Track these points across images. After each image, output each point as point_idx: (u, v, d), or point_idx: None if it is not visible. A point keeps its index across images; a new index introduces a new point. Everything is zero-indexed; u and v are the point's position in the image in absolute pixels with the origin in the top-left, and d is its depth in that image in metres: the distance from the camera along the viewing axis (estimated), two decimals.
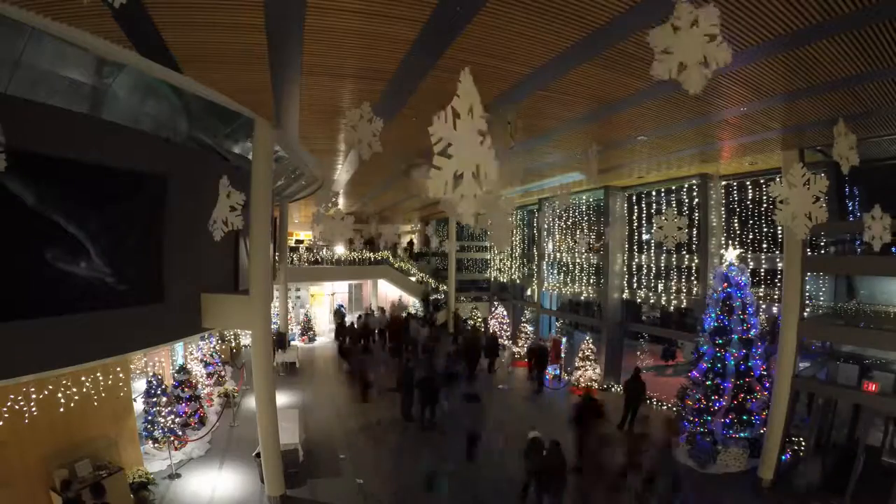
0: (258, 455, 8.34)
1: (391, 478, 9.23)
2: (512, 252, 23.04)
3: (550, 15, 4.41)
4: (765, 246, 11.62)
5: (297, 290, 24.04)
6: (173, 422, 9.54)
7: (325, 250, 22.28)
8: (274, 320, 16.59)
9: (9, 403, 6.41)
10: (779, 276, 10.87)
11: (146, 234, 6.98)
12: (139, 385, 10.41)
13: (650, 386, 14.78)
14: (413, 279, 23.92)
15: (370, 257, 22.71)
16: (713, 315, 10.15)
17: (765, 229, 11.68)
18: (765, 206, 11.63)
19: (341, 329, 19.54)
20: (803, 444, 9.42)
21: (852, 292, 10.55)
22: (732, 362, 9.78)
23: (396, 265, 23.43)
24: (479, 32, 4.79)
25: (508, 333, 20.94)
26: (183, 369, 11.15)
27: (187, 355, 12.99)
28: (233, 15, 4.46)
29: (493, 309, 22.28)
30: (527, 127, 8.45)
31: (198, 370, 12.70)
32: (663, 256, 14.05)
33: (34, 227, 5.44)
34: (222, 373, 14.01)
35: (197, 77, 6.00)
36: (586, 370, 15.00)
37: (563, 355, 16.58)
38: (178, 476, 8.81)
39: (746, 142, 8.90)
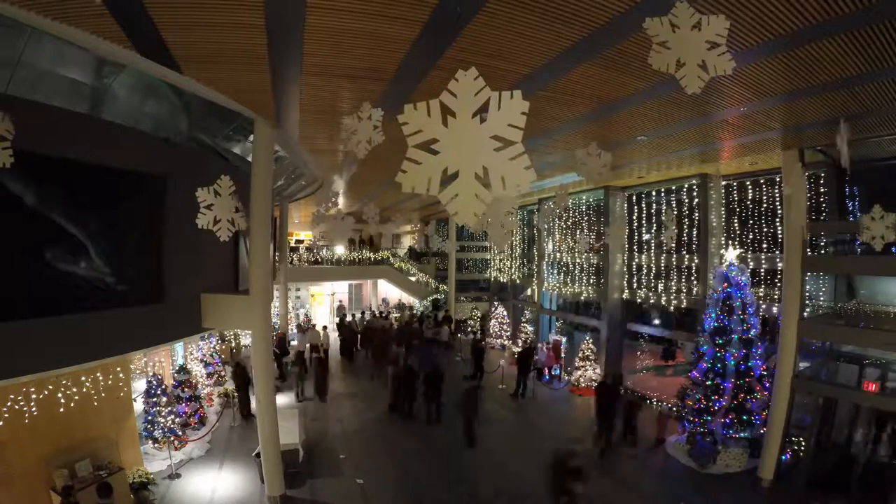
0: (258, 455, 8.35)
1: (393, 478, 9.24)
2: (512, 252, 23.06)
3: (550, 15, 4.40)
4: (765, 246, 11.62)
5: (297, 290, 24.05)
6: (173, 422, 9.54)
7: (325, 250, 22.30)
8: (274, 320, 16.58)
9: (9, 403, 6.41)
10: (779, 276, 10.87)
11: (146, 234, 6.98)
12: (139, 385, 10.41)
13: (650, 386, 14.82)
14: (413, 279, 23.93)
15: (370, 257, 22.72)
16: (713, 315, 10.16)
17: (765, 229, 11.68)
18: (765, 206, 11.64)
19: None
20: (803, 444, 9.42)
21: (852, 292, 10.55)
22: (732, 362, 9.78)
23: (397, 265, 23.46)
24: (478, 32, 4.79)
25: (508, 333, 20.98)
26: (183, 369, 11.15)
27: (187, 355, 12.99)
28: (233, 15, 4.45)
29: (493, 309, 22.31)
30: (527, 127, 8.43)
31: (198, 370, 12.71)
32: (663, 256, 14.05)
33: (34, 227, 5.44)
34: (222, 373, 14.02)
35: (197, 77, 5.99)
36: (586, 370, 15.00)
37: (563, 355, 16.59)
38: (178, 476, 8.81)
39: (746, 142, 8.90)
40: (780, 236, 10.97)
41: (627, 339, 15.92)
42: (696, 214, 12.90)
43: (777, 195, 11.29)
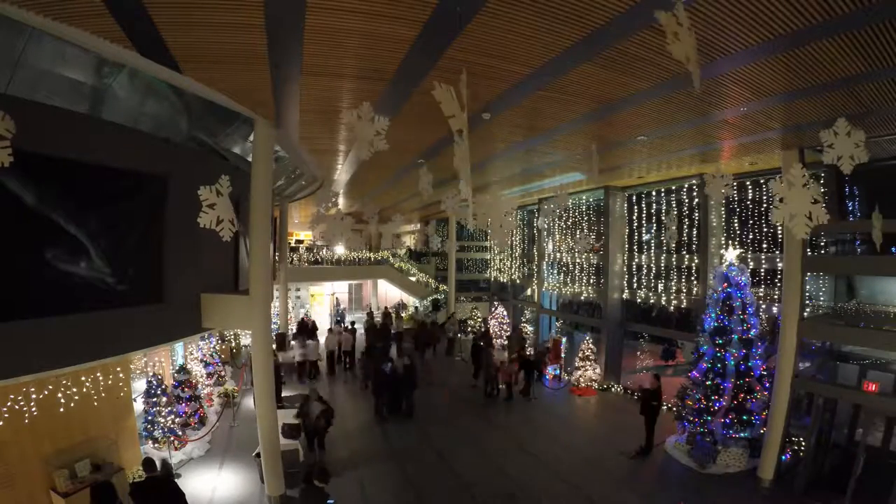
0: (258, 455, 8.35)
1: (393, 478, 9.24)
2: (512, 252, 23.06)
3: (550, 15, 4.41)
4: (765, 246, 11.62)
5: (297, 290, 24.06)
6: (173, 422, 9.54)
7: (325, 250, 22.32)
8: (274, 320, 16.59)
9: (9, 403, 6.41)
10: (779, 276, 10.86)
11: (146, 234, 6.97)
12: (139, 385, 10.40)
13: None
14: (413, 279, 23.94)
15: (370, 257, 22.74)
16: (713, 315, 10.16)
17: (765, 229, 11.68)
18: (765, 206, 11.64)
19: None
20: (803, 444, 9.42)
21: (852, 292, 10.55)
22: (732, 362, 9.78)
23: (396, 265, 23.46)
24: (479, 32, 4.79)
25: (508, 334, 20.96)
26: (183, 369, 11.14)
27: (187, 355, 12.99)
28: (233, 15, 4.46)
29: (493, 309, 22.32)
30: (527, 127, 8.46)
31: (198, 370, 12.70)
32: (663, 256, 14.05)
33: (34, 227, 5.43)
34: (222, 373, 14.02)
35: (197, 77, 5.99)
36: (586, 370, 15.00)
37: (563, 355, 16.59)
38: (178, 476, 8.79)
39: (746, 142, 8.89)
40: (780, 236, 10.97)
41: (627, 339, 15.92)
42: (696, 214, 12.91)
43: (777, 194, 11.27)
